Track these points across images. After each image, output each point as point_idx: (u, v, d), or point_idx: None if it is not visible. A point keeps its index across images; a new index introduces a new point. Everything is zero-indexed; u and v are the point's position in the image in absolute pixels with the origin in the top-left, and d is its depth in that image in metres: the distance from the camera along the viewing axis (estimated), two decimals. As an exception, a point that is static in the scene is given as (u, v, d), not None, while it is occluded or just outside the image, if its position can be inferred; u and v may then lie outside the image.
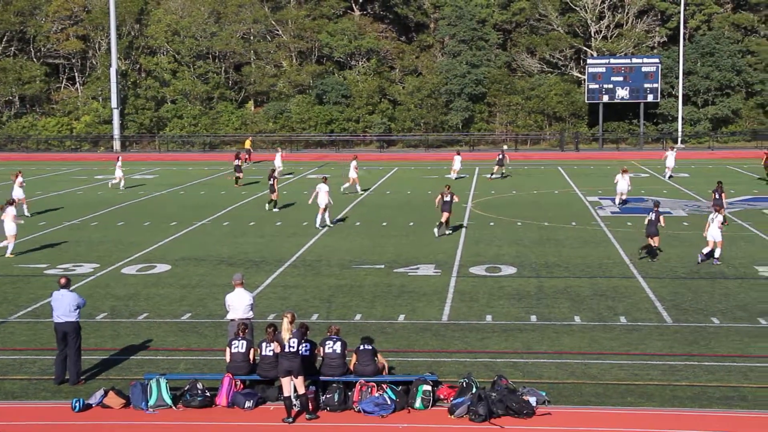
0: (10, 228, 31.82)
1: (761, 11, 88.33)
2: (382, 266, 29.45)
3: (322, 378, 17.22)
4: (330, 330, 17.76)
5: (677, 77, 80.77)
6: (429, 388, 16.82)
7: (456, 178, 55.58)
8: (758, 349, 20.11)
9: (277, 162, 57.70)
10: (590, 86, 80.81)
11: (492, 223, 38.22)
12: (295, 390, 16.40)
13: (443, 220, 35.05)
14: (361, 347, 17.51)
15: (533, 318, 22.90)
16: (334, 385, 17.02)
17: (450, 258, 30.70)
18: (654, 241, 30.07)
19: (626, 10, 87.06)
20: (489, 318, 22.95)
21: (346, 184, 49.58)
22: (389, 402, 16.60)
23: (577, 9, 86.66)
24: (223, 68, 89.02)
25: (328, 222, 37.46)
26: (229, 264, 30.04)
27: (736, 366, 18.94)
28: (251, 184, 53.93)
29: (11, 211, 32.39)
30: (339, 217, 40.32)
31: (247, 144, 72.58)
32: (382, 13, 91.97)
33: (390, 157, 74.32)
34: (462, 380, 16.90)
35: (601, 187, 50.77)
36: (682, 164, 61.66)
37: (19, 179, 41.94)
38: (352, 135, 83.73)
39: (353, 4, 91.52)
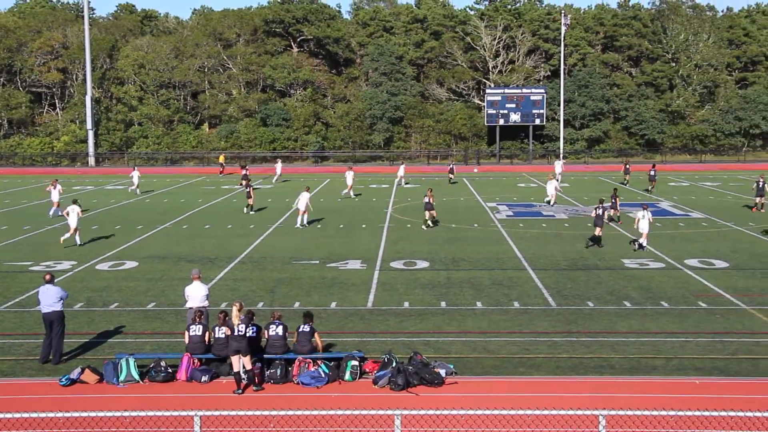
0: (73, 222, 32.59)
1: (624, 52, 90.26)
2: (317, 262, 29.34)
3: (266, 356, 17.11)
4: (273, 315, 17.67)
5: (559, 105, 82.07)
6: (356, 363, 16.82)
7: (405, 184, 57.04)
8: (624, 326, 20.50)
9: (278, 170, 61.46)
10: (489, 111, 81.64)
11: (409, 225, 38.32)
12: (244, 366, 16.27)
13: (426, 217, 36.93)
14: (300, 328, 17.44)
15: (443, 304, 23.01)
16: (277, 361, 16.92)
17: (374, 255, 30.70)
18: (598, 232, 31.58)
19: (517, 50, 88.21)
20: (406, 304, 23.00)
21: (345, 191, 50.76)
22: (323, 375, 16.56)
23: (478, 48, 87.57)
24: (182, 96, 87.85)
25: (305, 223, 37.73)
26: (187, 261, 29.65)
27: (606, 340, 19.28)
28: (223, 194, 53.28)
29: (76, 208, 33.00)
30: (279, 221, 40.12)
31: (221, 159, 71.85)
32: (316, 50, 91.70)
33: (323, 170, 74.08)
34: (384, 356, 16.93)
35: (499, 194, 51.28)
36: (563, 176, 62.56)
37: (58, 187, 42.17)
38: (292, 152, 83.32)
39: (292, 43, 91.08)
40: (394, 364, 16.50)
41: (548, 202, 45.93)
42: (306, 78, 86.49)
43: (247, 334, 16.51)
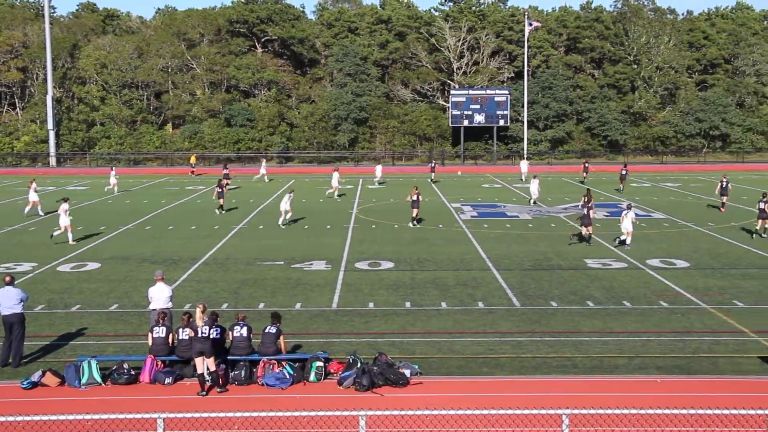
0: (64, 221, 33.17)
1: (587, 54, 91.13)
2: (282, 262, 29.23)
3: (230, 357, 17.01)
4: (237, 317, 17.57)
5: (523, 106, 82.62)
6: (321, 364, 16.79)
7: (380, 184, 58.02)
8: (587, 326, 20.68)
9: (262, 170, 62.54)
10: (453, 112, 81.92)
11: (374, 226, 38.33)
12: (208, 368, 16.17)
13: (414, 215, 37.89)
14: (266, 330, 17.37)
15: (408, 304, 23.03)
16: (241, 363, 16.84)
17: (339, 255, 30.65)
18: (588, 230, 32.32)
19: (482, 51, 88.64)
20: (371, 305, 23.00)
21: (330, 190, 50.56)
22: (288, 376, 16.50)
23: (442, 49, 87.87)
24: (146, 96, 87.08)
25: (285, 222, 38.19)
26: (151, 262, 29.39)
27: (569, 340, 19.44)
28: (187, 195, 52.86)
29: (65, 206, 33.65)
30: (244, 222, 39.92)
31: (192, 160, 71.31)
32: (281, 50, 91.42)
33: (288, 171, 73.87)
34: (349, 357, 16.91)
35: (463, 195, 51.48)
36: (529, 176, 63.00)
37: (33, 185, 42.30)
38: (256, 152, 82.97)
39: (256, 43, 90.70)
40: (359, 364, 16.49)
41: (534, 202, 46.39)
42: (270, 78, 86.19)
43: (211, 336, 16.41)
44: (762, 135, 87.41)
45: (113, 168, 57.93)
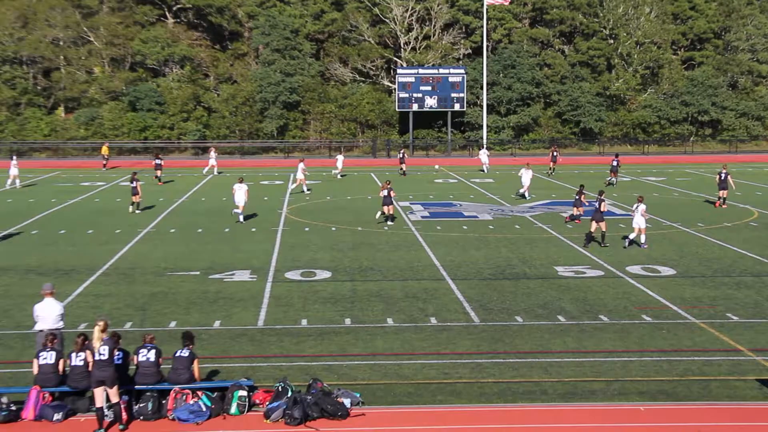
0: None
1: (556, 27, 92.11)
2: (198, 273, 28.96)
3: (136, 387, 16.73)
4: (145, 338, 17.31)
5: (482, 88, 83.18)
6: (245, 393, 16.64)
7: (341, 177, 59.36)
8: (557, 345, 20.82)
9: (212, 161, 63.86)
10: (400, 95, 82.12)
11: (307, 229, 38.19)
12: (108, 400, 15.86)
13: (384, 211, 39.09)
14: (178, 353, 17.13)
15: (347, 321, 22.96)
16: (148, 393, 16.57)
17: (265, 263, 30.47)
18: (602, 226, 33.55)
19: (433, 23, 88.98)
20: (304, 322, 22.87)
21: (294, 185, 50.72)
22: (204, 409, 16.30)
23: (387, 21, 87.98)
24: (32, 73, 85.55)
25: (240, 219, 39.57)
26: (38, 273, 28.84)
27: (537, 362, 19.52)
28: (84, 192, 52.04)
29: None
30: (152, 225, 39.47)
31: (104, 151, 70.26)
32: (196, 21, 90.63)
33: (205, 164, 73.19)
34: (278, 384, 16.78)
35: (412, 192, 51.60)
36: (489, 169, 63.49)
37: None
38: (167, 141, 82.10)
39: (167, 12, 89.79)
40: (289, 393, 16.38)
41: (523, 195, 48.31)
42: (184, 54, 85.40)
43: (113, 360, 16.11)
44: (758, 121, 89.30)
45: (14, 157, 57.42)
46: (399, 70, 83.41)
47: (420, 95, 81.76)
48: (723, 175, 44.58)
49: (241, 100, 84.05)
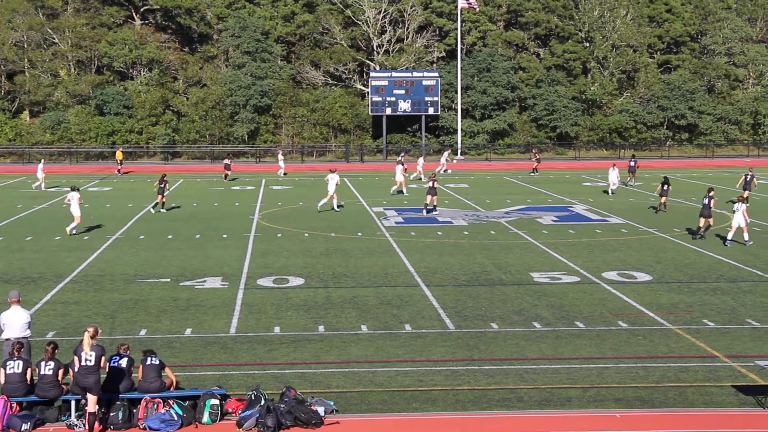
0: (76, 211, 37.93)
1: (531, 30, 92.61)
2: (168, 280, 28.91)
3: (106, 395, 16.74)
4: (120, 347, 17.38)
5: (456, 91, 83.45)
6: (217, 402, 16.66)
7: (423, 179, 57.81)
8: (533, 351, 20.99)
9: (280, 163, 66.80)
10: (373, 99, 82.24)
11: (279, 235, 38.22)
12: (85, 408, 15.91)
13: (428, 201, 44.06)
14: (147, 361, 17.16)
15: (321, 328, 23.03)
16: (118, 402, 16.59)
17: (237, 270, 30.48)
18: (710, 221, 35.95)
19: (407, 26, 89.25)
20: (277, 329, 22.92)
21: (323, 201, 46.25)
22: (176, 418, 16.32)
23: (360, 23, 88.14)
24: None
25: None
26: (3, 281, 28.70)
27: (513, 368, 19.69)
28: (51, 198, 51.73)
29: (76, 195, 38.36)
30: (121, 231, 39.36)
31: (119, 156, 70.01)
32: (164, 22, 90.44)
33: (175, 169, 73.05)
34: (250, 393, 16.82)
35: (386, 197, 51.73)
36: (462, 175, 63.79)
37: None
38: (135, 146, 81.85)
39: (134, 13, 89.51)
40: (262, 402, 16.41)
41: (612, 192, 53.48)
42: (152, 56, 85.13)
43: (119, 365, 16.27)
44: (735, 125, 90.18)
45: (42, 160, 59.67)
46: (372, 74, 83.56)
47: (393, 99, 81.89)
48: (749, 177, 47.85)
49: (211, 103, 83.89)
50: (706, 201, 36.34)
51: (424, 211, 44.27)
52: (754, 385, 18.41)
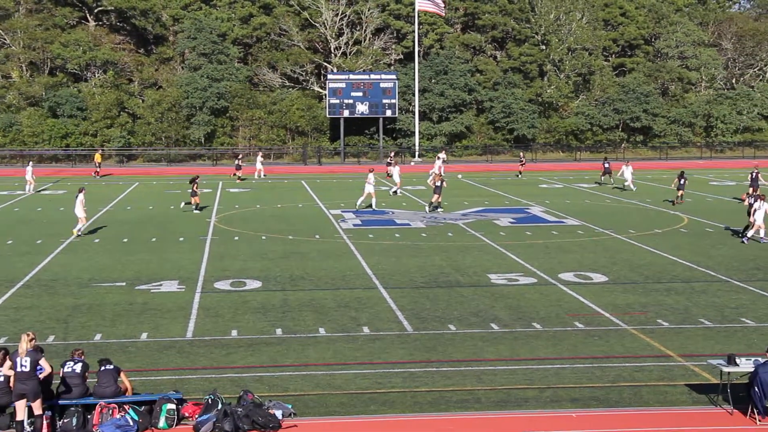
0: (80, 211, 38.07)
1: (488, 33, 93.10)
2: (124, 284, 28.70)
3: (60, 401, 16.60)
4: (73, 353, 17.24)
5: (414, 94, 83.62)
6: (173, 406, 16.59)
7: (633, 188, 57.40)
8: (491, 353, 21.10)
9: (258, 165, 67.75)
10: (331, 101, 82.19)
11: (236, 238, 38.08)
12: (30, 414, 15.73)
13: (433, 200, 46.26)
14: (102, 368, 17.04)
15: (279, 331, 22.98)
16: (73, 408, 16.45)
17: (194, 273, 30.33)
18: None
19: (364, 28, 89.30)
20: (234, 333, 22.84)
21: (361, 199, 47.61)
22: (131, 423, 16.23)
23: (317, 25, 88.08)
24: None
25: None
26: (-45, 286, 28.38)
27: (471, 370, 19.78)
28: (2, 202, 51.16)
29: (81, 196, 38.45)
30: (75, 235, 38.99)
31: (98, 158, 69.18)
32: (119, 24, 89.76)
33: (130, 172, 72.54)
34: (207, 397, 16.77)
35: (344, 200, 51.72)
36: (420, 177, 63.93)
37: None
38: (90, 149, 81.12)
39: (87, 15, 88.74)
40: (219, 406, 16.38)
41: (626, 188, 55.99)
42: (106, 58, 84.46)
43: (35, 373, 16.00)
44: (689, 127, 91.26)
45: (30, 163, 59.52)
46: (329, 76, 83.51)
47: (351, 101, 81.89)
48: (754, 174, 49.35)
49: (167, 105, 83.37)
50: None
51: (427, 207, 46.54)
52: (707, 383, 18.66)
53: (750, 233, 36.13)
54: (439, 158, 63.87)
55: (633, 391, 18.40)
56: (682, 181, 48.59)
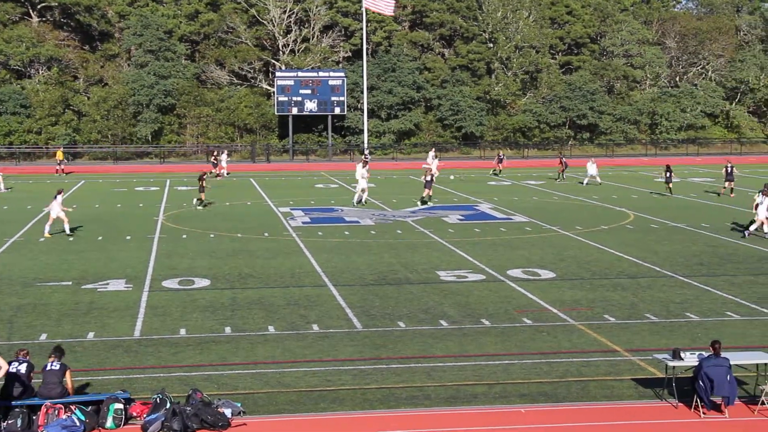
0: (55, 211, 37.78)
1: (436, 30, 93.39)
2: (70, 283, 28.41)
3: (4, 402, 16.38)
4: (18, 353, 17.07)
5: (362, 92, 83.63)
6: (121, 406, 16.47)
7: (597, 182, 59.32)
8: (440, 349, 21.19)
9: (223, 163, 66.18)
10: (279, 99, 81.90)
11: (185, 236, 37.85)
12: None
13: (423, 195, 48.18)
14: (48, 367, 16.87)
15: (228, 329, 22.90)
16: (17, 409, 16.25)
17: (141, 272, 30.10)
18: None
19: (312, 25, 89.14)
20: (183, 332, 22.72)
21: (363, 196, 48.85)
22: (78, 424, 16.08)
23: (265, 23, 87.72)
24: None
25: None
26: None
27: (420, 366, 19.86)
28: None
29: (59, 198, 38.12)
30: (19, 234, 38.50)
31: (59, 156, 68.03)
32: (63, 20, 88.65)
33: (76, 170, 71.69)
34: (155, 396, 16.67)
35: (293, 197, 51.62)
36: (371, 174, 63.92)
37: None
38: (34, 147, 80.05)
39: (30, 10, 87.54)
40: (168, 405, 16.29)
41: (590, 182, 57.65)
42: (50, 55, 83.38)
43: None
44: (634, 125, 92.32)
45: None
46: (278, 73, 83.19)
47: (300, 99, 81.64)
48: (729, 168, 50.98)
49: (113, 103, 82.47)
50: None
51: (419, 202, 47.97)
52: (653, 377, 18.91)
53: (753, 228, 36.67)
54: (430, 155, 66.35)
55: (580, 386, 18.59)
56: (668, 174, 51.39)
